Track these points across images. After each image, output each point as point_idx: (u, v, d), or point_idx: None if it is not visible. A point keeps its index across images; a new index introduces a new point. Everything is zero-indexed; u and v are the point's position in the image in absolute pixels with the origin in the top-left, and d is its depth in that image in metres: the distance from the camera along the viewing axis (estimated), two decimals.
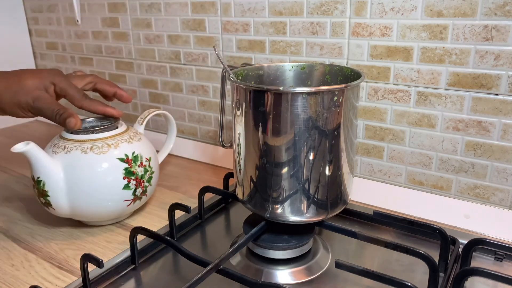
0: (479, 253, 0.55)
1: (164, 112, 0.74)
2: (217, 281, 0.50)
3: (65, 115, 0.57)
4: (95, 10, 1.00)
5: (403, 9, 0.61)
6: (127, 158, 0.61)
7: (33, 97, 0.58)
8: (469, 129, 0.60)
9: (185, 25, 0.85)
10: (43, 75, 0.60)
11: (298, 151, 0.47)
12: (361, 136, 0.70)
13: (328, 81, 0.58)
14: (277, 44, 0.74)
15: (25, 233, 0.63)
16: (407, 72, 0.63)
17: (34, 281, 0.53)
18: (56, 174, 0.58)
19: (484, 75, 0.57)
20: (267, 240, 0.54)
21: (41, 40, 1.19)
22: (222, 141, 0.69)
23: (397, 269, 0.53)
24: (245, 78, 0.57)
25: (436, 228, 0.52)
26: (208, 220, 0.66)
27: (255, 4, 0.75)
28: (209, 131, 0.90)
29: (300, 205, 0.50)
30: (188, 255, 0.50)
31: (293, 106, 0.46)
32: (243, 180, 0.53)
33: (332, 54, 0.69)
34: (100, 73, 1.06)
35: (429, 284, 0.46)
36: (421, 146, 0.65)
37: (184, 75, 0.89)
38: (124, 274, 0.54)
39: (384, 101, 0.66)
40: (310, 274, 0.52)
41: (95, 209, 0.60)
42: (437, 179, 0.65)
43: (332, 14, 0.67)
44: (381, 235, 0.60)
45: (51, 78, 0.60)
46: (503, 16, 0.54)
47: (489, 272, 0.43)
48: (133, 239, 0.54)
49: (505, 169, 0.59)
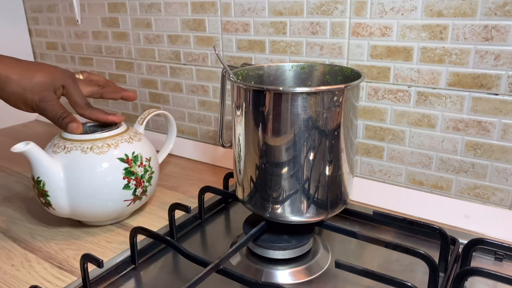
0: (479, 253, 0.55)
1: (164, 112, 0.74)
2: (217, 281, 0.50)
3: (68, 120, 0.58)
4: (95, 10, 1.00)
5: (403, 9, 0.61)
6: (127, 158, 0.61)
7: (40, 97, 0.58)
8: (469, 129, 0.60)
9: (185, 25, 0.85)
10: (56, 76, 0.60)
11: (298, 151, 0.47)
12: (361, 136, 0.70)
13: (328, 81, 0.58)
14: (277, 44, 0.74)
15: (25, 233, 0.63)
16: (407, 72, 0.63)
17: (34, 281, 0.53)
18: (56, 174, 0.58)
19: (484, 75, 0.57)
20: (267, 240, 0.54)
21: (41, 40, 1.19)
22: (222, 141, 0.69)
23: (397, 269, 0.53)
24: (245, 78, 0.57)
25: (436, 228, 0.52)
26: (208, 220, 0.66)
27: (255, 4, 0.75)
28: (209, 131, 0.90)
29: (300, 205, 0.50)
30: (188, 255, 0.50)
31: (293, 106, 0.46)
32: (243, 180, 0.53)
33: (332, 54, 0.69)
34: (100, 73, 1.06)
35: (429, 284, 0.46)
36: (421, 146, 0.65)
37: (184, 75, 0.89)
38: (124, 274, 0.54)
39: (384, 101, 0.66)
40: (310, 274, 0.52)
41: (95, 209, 0.60)
42: (437, 179, 0.65)
43: (332, 14, 0.67)
44: (381, 235, 0.60)
45: (62, 81, 0.61)
46: (503, 16, 0.54)
47: (489, 272, 0.43)
48: (133, 239, 0.54)
49: (505, 169, 0.59)
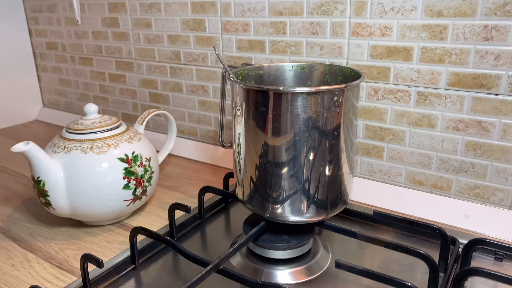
0: (479, 253, 0.55)
1: (164, 112, 0.74)
2: (217, 281, 0.50)
3: None
4: (95, 10, 1.00)
5: (403, 9, 0.61)
6: (127, 158, 0.61)
7: None
8: (469, 129, 0.60)
9: (185, 25, 0.85)
10: None
11: (298, 151, 0.47)
12: (361, 136, 0.70)
13: (328, 81, 0.58)
14: (277, 44, 0.74)
15: (25, 233, 0.63)
16: (407, 72, 0.63)
17: (34, 281, 0.53)
18: (56, 174, 0.58)
19: (484, 75, 0.57)
20: (267, 240, 0.54)
21: (41, 40, 1.19)
22: (222, 141, 0.69)
23: (397, 269, 0.53)
24: (245, 78, 0.57)
25: (436, 228, 0.52)
26: (208, 220, 0.66)
27: (255, 4, 0.75)
28: (209, 131, 0.90)
29: (300, 205, 0.50)
30: (188, 255, 0.50)
31: (293, 106, 0.46)
32: (243, 180, 0.53)
33: (332, 54, 0.69)
34: (100, 73, 1.06)
35: (429, 284, 0.46)
36: (421, 146, 0.65)
37: (184, 75, 0.89)
38: (124, 274, 0.54)
39: (384, 101, 0.66)
40: (310, 274, 0.52)
41: (95, 209, 0.60)
42: (437, 179, 0.65)
43: (332, 14, 0.67)
44: (381, 235, 0.60)
45: None
46: (503, 16, 0.54)
47: (489, 272, 0.43)
48: (133, 239, 0.54)
49: (505, 169, 0.59)
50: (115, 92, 1.05)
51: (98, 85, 1.09)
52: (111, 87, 1.05)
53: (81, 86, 1.13)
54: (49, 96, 1.24)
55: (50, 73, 1.21)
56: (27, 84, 1.22)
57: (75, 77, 1.14)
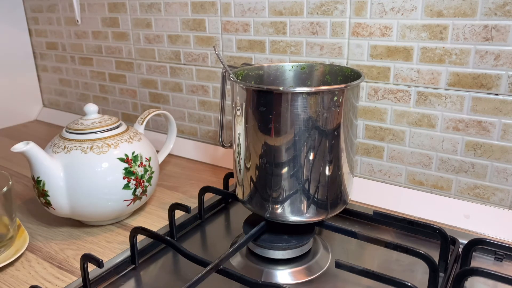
0: (479, 253, 0.55)
1: (164, 112, 0.74)
2: (217, 281, 0.50)
3: None
4: (95, 10, 1.00)
5: (403, 9, 0.61)
6: (127, 158, 0.61)
7: None
8: (469, 129, 0.60)
9: (185, 25, 0.85)
10: None
11: (298, 151, 0.47)
12: (361, 136, 0.70)
13: (328, 81, 0.58)
14: (277, 44, 0.74)
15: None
16: (407, 72, 0.63)
17: (34, 281, 0.53)
18: (56, 174, 0.58)
19: (484, 75, 0.57)
20: (267, 240, 0.54)
21: (41, 40, 1.19)
22: (222, 141, 0.69)
23: (397, 269, 0.53)
24: (245, 78, 0.57)
25: (436, 228, 0.52)
26: (208, 220, 0.66)
27: (255, 4, 0.75)
28: (209, 131, 0.90)
29: (300, 205, 0.50)
30: (188, 255, 0.50)
31: (293, 106, 0.46)
32: (243, 180, 0.53)
33: (332, 54, 0.69)
34: (100, 73, 1.06)
35: (429, 284, 0.46)
36: (421, 146, 0.65)
37: (184, 75, 0.89)
38: (124, 274, 0.54)
39: (384, 101, 0.66)
40: (310, 274, 0.52)
41: (95, 209, 0.60)
42: (437, 179, 0.65)
43: (332, 14, 0.67)
44: (381, 235, 0.60)
45: None
46: (503, 16, 0.54)
47: (489, 272, 0.43)
48: (133, 239, 0.54)
49: (505, 169, 0.59)
50: (115, 92, 1.05)
51: (98, 85, 1.09)
52: (111, 87, 1.05)
53: (81, 86, 1.14)
54: (49, 96, 1.24)
55: (50, 73, 1.21)
56: (27, 84, 1.22)
57: (75, 77, 1.14)
